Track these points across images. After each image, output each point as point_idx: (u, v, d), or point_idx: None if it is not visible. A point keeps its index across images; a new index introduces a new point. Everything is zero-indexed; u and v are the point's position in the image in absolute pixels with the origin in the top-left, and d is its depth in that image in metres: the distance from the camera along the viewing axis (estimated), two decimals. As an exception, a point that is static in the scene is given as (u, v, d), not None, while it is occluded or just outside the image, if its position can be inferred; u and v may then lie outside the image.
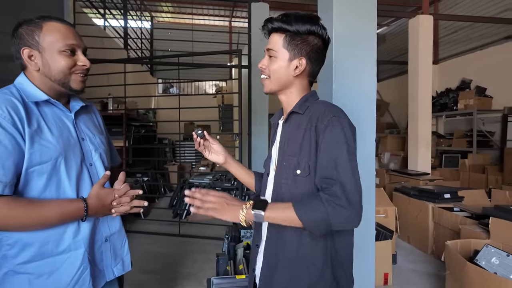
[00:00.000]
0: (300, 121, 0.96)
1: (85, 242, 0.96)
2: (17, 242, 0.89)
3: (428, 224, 3.23)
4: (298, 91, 1.00)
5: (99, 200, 0.95)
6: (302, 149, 0.92)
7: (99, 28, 5.52)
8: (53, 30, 0.93)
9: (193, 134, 1.11)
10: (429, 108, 5.17)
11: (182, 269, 2.93)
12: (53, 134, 0.92)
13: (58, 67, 0.94)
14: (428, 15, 5.11)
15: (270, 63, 0.98)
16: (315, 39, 0.95)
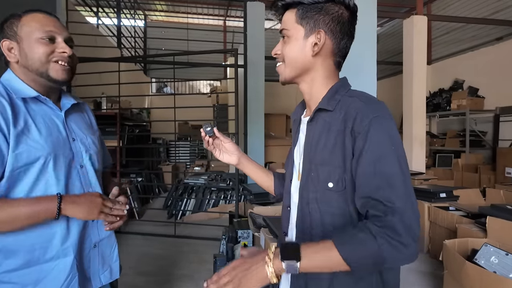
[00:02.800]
0: (331, 120, 0.76)
1: (74, 248, 0.91)
2: (1, 249, 0.84)
3: (424, 223, 3.24)
4: (323, 77, 0.80)
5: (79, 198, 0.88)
6: (334, 157, 0.73)
7: (92, 26, 5.44)
8: (31, 20, 0.90)
9: (201, 131, 0.95)
10: (423, 108, 5.22)
11: (178, 271, 2.89)
12: (41, 133, 0.87)
13: (35, 55, 0.88)
14: (422, 16, 5.15)
15: (284, 46, 0.80)
16: (335, 6, 0.77)
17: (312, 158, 0.78)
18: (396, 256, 0.61)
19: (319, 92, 0.80)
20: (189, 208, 4.63)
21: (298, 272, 0.63)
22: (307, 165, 0.80)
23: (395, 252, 0.61)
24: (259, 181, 1.04)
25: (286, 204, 0.89)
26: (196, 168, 6.79)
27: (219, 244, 3.06)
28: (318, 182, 0.75)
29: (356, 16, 0.81)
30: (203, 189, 4.79)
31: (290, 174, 0.89)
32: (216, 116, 7.56)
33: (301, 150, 0.84)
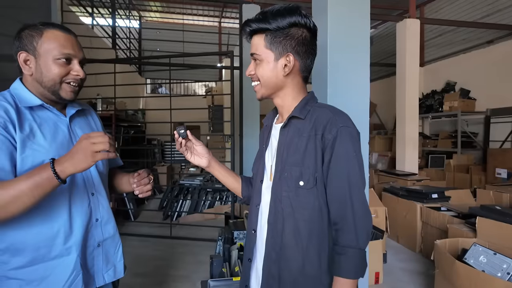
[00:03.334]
0: (301, 127, 0.88)
1: (77, 247, 0.95)
2: (9, 247, 0.88)
3: (417, 224, 3.31)
4: (293, 91, 0.92)
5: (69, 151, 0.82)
6: (305, 158, 0.85)
7: (87, 27, 5.42)
8: (52, 38, 0.93)
9: (174, 134, 0.99)
10: (416, 109, 5.29)
11: (174, 272, 2.90)
12: (46, 138, 0.91)
13: (50, 75, 0.93)
14: (415, 19, 5.23)
15: (257, 67, 0.90)
16: (298, 30, 0.86)
17: (285, 160, 0.88)
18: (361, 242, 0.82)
19: (291, 104, 0.92)
20: (185, 209, 4.64)
21: None
22: (280, 166, 0.89)
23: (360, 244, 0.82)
24: (228, 184, 1.10)
25: (256, 203, 0.97)
26: (191, 169, 6.80)
27: (215, 245, 3.08)
28: (290, 181, 0.86)
29: (316, 34, 0.91)
30: (198, 190, 4.80)
31: (261, 175, 0.98)
32: (211, 117, 7.57)
33: (273, 153, 0.94)
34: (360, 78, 1.77)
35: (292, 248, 0.86)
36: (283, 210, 0.87)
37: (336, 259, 0.82)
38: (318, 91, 1.81)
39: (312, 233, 0.85)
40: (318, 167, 0.84)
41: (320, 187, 0.85)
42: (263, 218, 0.94)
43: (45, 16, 3.91)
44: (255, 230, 0.97)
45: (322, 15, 1.79)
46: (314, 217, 0.85)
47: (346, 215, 0.81)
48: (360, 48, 1.79)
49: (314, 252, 0.85)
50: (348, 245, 0.81)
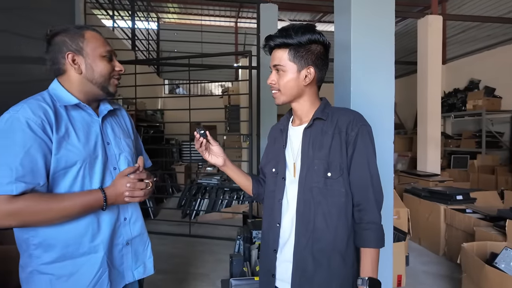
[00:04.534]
0: (324, 127, 1.02)
1: (104, 245, 0.97)
2: (42, 243, 0.91)
3: (440, 226, 3.21)
4: (310, 98, 1.06)
5: (115, 187, 0.95)
6: (331, 153, 0.99)
7: (108, 29, 5.56)
8: (94, 37, 1.00)
9: (195, 134, 1.09)
10: (439, 108, 5.14)
11: (194, 270, 2.94)
12: (79, 139, 0.94)
13: (101, 71, 1.00)
14: (437, 15, 5.08)
15: (279, 77, 1.02)
16: (317, 46, 1.01)
17: (311, 155, 1.00)
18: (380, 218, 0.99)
19: (309, 109, 1.06)
20: (203, 208, 4.68)
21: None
22: (307, 162, 1.01)
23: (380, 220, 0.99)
24: (240, 182, 1.22)
25: (278, 198, 1.06)
26: (208, 168, 6.85)
27: (233, 244, 3.09)
28: (319, 173, 0.98)
29: (329, 50, 1.06)
30: (216, 189, 4.84)
31: (282, 172, 1.07)
32: (228, 117, 7.61)
33: (296, 151, 1.05)
34: (385, 77, 1.73)
35: (324, 230, 0.98)
36: (313, 199, 0.99)
37: (364, 234, 0.97)
38: (340, 90, 1.78)
39: (340, 215, 0.98)
40: (343, 159, 0.98)
41: (345, 176, 0.98)
42: (289, 210, 1.03)
43: (69, 19, 4.04)
44: (279, 223, 1.05)
45: (345, 13, 1.76)
46: (342, 201, 0.98)
47: (369, 197, 0.97)
48: (385, 46, 1.76)
49: (342, 230, 0.98)
50: (372, 221, 0.97)
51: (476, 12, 6.67)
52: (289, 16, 9.10)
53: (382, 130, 1.73)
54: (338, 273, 0.98)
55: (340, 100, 1.79)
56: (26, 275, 0.93)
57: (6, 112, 0.88)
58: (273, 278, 1.05)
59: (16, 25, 2.87)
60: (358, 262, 1.00)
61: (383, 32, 1.75)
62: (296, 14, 9.11)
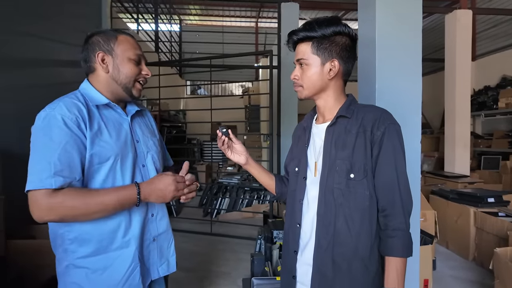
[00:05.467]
0: (348, 125, 0.96)
1: (136, 240, 1.00)
2: (77, 238, 0.94)
3: (470, 229, 3.07)
4: (335, 93, 1.00)
5: (153, 184, 0.96)
6: (355, 153, 0.93)
7: (133, 32, 5.73)
8: (126, 41, 1.04)
9: (217, 132, 1.09)
10: (468, 107, 4.92)
11: (216, 268, 2.97)
12: (111, 136, 0.98)
13: (127, 72, 1.03)
14: (466, 9, 4.86)
15: (302, 72, 0.99)
16: (342, 38, 0.96)
17: (334, 155, 0.95)
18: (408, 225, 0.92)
19: (333, 105, 1.01)
20: (224, 207, 4.73)
21: None
22: (329, 161, 0.96)
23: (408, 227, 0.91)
24: (262, 181, 1.20)
25: (299, 198, 1.03)
26: (228, 168, 6.91)
27: (253, 243, 3.11)
28: (341, 174, 0.93)
29: (357, 42, 1.00)
30: (236, 189, 4.87)
31: (303, 172, 1.04)
32: (248, 117, 7.64)
33: (318, 150, 1.00)
34: (412, 74, 1.68)
35: (345, 234, 0.92)
36: (335, 200, 0.94)
37: (389, 241, 0.91)
38: (365, 88, 1.75)
39: (363, 219, 0.92)
40: (368, 160, 0.92)
41: (370, 178, 0.93)
42: (309, 211, 1.00)
43: (96, 23, 4.20)
44: (300, 224, 1.02)
45: (369, 8, 1.72)
46: (365, 205, 0.92)
47: (395, 201, 0.91)
48: (412, 42, 1.70)
49: (366, 236, 0.92)
50: (398, 228, 0.90)
51: (509, 5, 6.32)
52: (310, 14, 9.01)
53: (409, 130, 1.67)
54: (359, 281, 0.92)
55: (364, 100, 1.75)
56: (62, 269, 0.96)
57: (43, 110, 0.92)
58: (294, 280, 1.03)
59: (49, 31, 3.02)
60: (383, 270, 0.94)
61: (410, 28, 1.70)
62: (317, 13, 9.01)
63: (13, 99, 2.52)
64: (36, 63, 2.88)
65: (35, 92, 2.78)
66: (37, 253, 2.03)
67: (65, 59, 3.19)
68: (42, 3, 2.92)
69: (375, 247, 0.94)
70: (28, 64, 2.76)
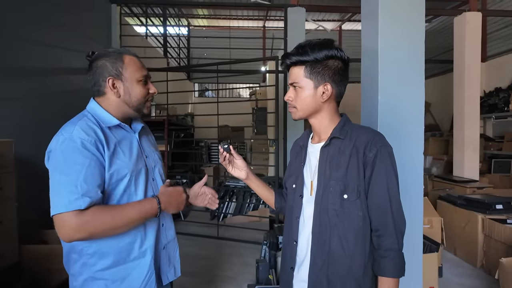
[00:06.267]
0: (342, 146, 0.99)
1: (151, 250, 1.06)
2: (96, 252, 0.99)
3: (478, 236, 3.04)
4: (329, 114, 1.03)
5: (170, 196, 1.06)
6: (348, 173, 0.95)
7: (141, 38, 5.82)
8: (132, 62, 1.06)
9: (219, 148, 1.14)
10: (477, 109, 4.84)
11: (221, 272, 3.01)
12: (125, 154, 1.03)
13: (137, 95, 1.07)
14: (476, 11, 4.80)
15: (296, 94, 1.01)
16: (335, 62, 0.98)
17: (328, 176, 0.98)
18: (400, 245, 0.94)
19: (328, 125, 1.03)
20: (230, 211, 4.77)
21: None
22: (323, 182, 0.98)
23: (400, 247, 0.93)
24: (262, 195, 1.23)
25: (296, 215, 1.06)
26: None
27: (260, 247, 3.13)
28: (335, 194, 0.95)
29: (349, 65, 1.02)
30: (243, 192, 4.90)
31: (300, 190, 1.06)
32: (255, 120, 7.67)
33: (313, 169, 1.03)
34: (414, 83, 1.69)
35: (340, 254, 0.95)
36: (329, 220, 0.96)
37: (381, 261, 0.93)
38: (368, 99, 1.76)
39: (357, 239, 0.94)
40: (361, 181, 0.95)
41: (363, 198, 0.95)
42: (305, 229, 1.02)
43: (106, 30, 4.29)
44: (296, 241, 1.05)
45: (372, 20, 1.73)
46: (359, 225, 0.94)
47: (387, 222, 0.93)
48: (414, 52, 1.71)
49: (360, 255, 0.94)
50: (390, 248, 0.92)
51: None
52: (317, 16, 8.99)
53: (411, 138, 1.67)
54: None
55: (367, 111, 1.77)
56: (81, 283, 1.00)
57: (60, 134, 0.96)
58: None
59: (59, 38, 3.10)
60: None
61: (413, 38, 1.71)
62: (324, 15, 8.99)
63: (26, 107, 2.60)
64: (46, 71, 2.97)
65: (47, 99, 2.87)
66: (49, 258, 2.11)
67: (75, 67, 3.28)
68: (51, 10, 3.00)
69: (368, 266, 0.96)
70: (39, 72, 2.85)
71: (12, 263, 2.00)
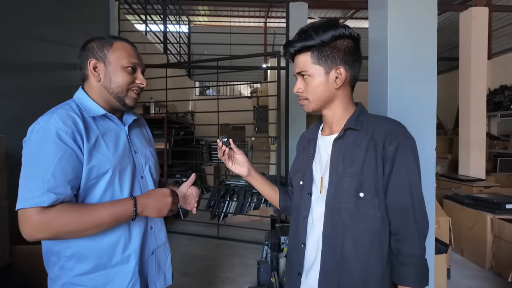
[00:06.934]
0: (357, 138, 0.88)
1: (136, 255, 0.96)
2: (74, 254, 0.90)
3: (486, 237, 2.94)
4: (343, 103, 0.93)
5: (149, 197, 0.92)
6: (364, 169, 0.85)
7: (141, 34, 5.73)
8: (121, 48, 0.98)
9: (217, 142, 1.03)
10: (484, 107, 4.75)
11: (221, 273, 2.92)
12: (109, 148, 0.93)
13: (119, 81, 0.96)
14: (482, 7, 4.69)
15: (306, 84, 0.91)
16: (344, 41, 0.88)
17: (341, 171, 0.87)
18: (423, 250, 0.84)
19: (342, 115, 0.93)
20: (231, 210, 4.68)
21: None
22: (335, 178, 0.88)
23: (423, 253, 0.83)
24: (265, 193, 1.12)
25: (303, 215, 0.95)
26: (237, 169, 6.84)
27: (261, 248, 3.04)
28: (349, 192, 0.85)
29: (360, 43, 0.91)
30: (244, 191, 4.82)
31: (308, 187, 0.96)
32: (256, 118, 7.58)
33: (324, 164, 0.93)
34: (426, 78, 1.59)
35: (353, 259, 0.85)
36: (342, 221, 0.86)
37: (402, 269, 0.83)
38: (375, 91, 1.66)
39: (374, 243, 0.84)
40: (379, 178, 0.84)
41: (381, 197, 0.84)
42: (314, 230, 0.93)
43: (104, 25, 4.20)
44: (304, 244, 0.95)
45: (381, 9, 1.63)
46: (376, 227, 0.84)
47: (409, 224, 0.83)
48: (426, 44, 1.61)
49: (376, 262, 0.84)
50: (412, 254, 0.82)
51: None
52: (319, 13, 8.89)
53: (423, 135, 1.59)
54: None
55: (375, 104, 1.67)
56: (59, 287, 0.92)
57: (36, 123, 0.87)
58: None
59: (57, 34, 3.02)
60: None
61: (425, 28, 1.61)
62: (326, 12, 8.89)
63: (21, 103, 2.52)
64: (44, 66, 2.89)
65: (44, 96, 2.78)
66: (41, 259, 2.02)
67: (73, 62, 3.19)
68: (49, 6, 2.92)
69: (386, 274, 0.85)
70: (36, 67, 2.77)
71: (3, 264, 1.92)
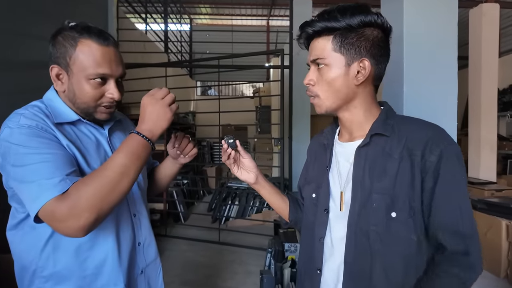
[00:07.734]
0: (387, 146, 0.73)
1: (124, 276, 0.85)
2: (53, 275, 0.79)
3: (501, 244, 2.79)
4: (364, 103, 0.77)
5: (146, 117, 0.76)
6: (397, 184, 0.70)
7: (141, 32, 5.62)
8: (86, 53, 0.77)
9: (222, 143, 0.88)
10: (495, 108, 4.60)
11: (222, 282, 2.79)
12: (86, 156, 0.81)
13: (83, 97, 0.80)
14: (493, 3, 4.53)
15: (320, 76, 0.76)
16: (374, 31, 0.73)
17: (368, 186, 0.73)
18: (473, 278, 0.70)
19: (363, 118, 0.78)
20: (233, 214, 4.55)
21: None
22: (361, 194, 0.74)
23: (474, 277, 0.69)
24: (274, 203, 0.99)
25: (319, 236, 0.81)
26: (239, 170, 6.71)
27: (263, 254, 2.91)
28: (379, 212, 0.71)
29: (390, 35, 0.77)
30: (246, 194, 4.69)
31: (324, 203, 0.81)
32: (258, 118, 7.45)
33: (345, 177, 0.79)
34: (445, 74, 1.46)
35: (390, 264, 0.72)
36: (370, 246, 0.72)
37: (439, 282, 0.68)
38: (390, 90, 1.53)
39: (409, 270, 0.71)
40: (416, 195, 0.70)
41: (418, 218, 0.70)
42: (334, 255, 0.78)
43: (102, 23, 4.08)
44: (320, 270, 0.80)
45: (395, 2, 1.50)
46: (411, 252, 0.71)
47: (466, 247, 0.69)
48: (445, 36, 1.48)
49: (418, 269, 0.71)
50: (466, 281, 0.69)
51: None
52: (323, 12, 8.75)
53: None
54: None
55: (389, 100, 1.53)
56: None
57: (5, 127, 0.74)
58: None
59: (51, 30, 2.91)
60: None
61: (443, 21, 1.47)
62: (330, 10, 8.74)
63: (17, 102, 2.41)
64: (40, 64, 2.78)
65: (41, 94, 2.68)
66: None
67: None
68: (45, 3, 2.82)
69: None
70: (32, 65, 2.67)
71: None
